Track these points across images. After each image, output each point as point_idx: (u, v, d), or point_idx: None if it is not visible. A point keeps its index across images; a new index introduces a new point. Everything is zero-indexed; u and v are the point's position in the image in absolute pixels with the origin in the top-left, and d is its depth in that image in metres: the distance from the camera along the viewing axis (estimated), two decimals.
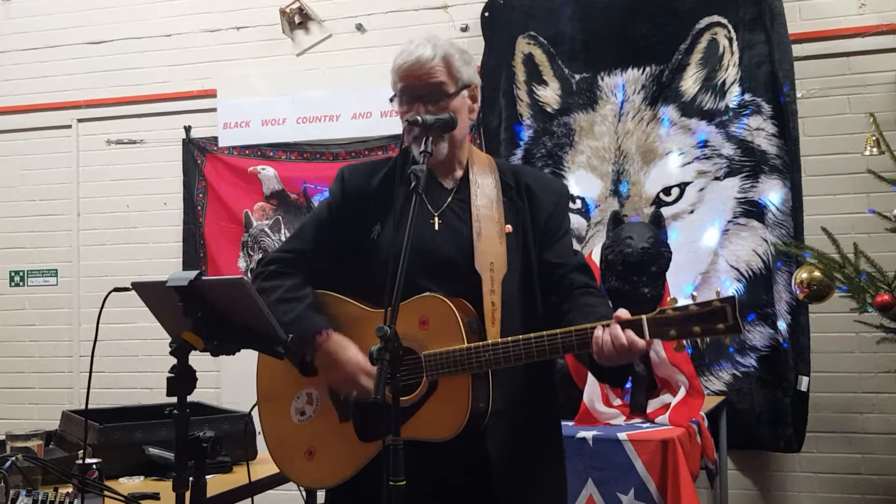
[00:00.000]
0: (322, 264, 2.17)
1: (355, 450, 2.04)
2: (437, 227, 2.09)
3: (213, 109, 5.10)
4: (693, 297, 1.82)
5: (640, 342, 1.81)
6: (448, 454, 1.94)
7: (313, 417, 2.11)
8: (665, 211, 4.20)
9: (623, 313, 1.84)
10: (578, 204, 4.43)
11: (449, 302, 1.95)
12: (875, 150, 3.76)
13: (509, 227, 2.08)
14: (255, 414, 2.23)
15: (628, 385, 3.48)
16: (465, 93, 2.12)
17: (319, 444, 2.10)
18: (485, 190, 2.11)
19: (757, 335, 4.11)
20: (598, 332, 1.83)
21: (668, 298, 1.88)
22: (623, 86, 4.39)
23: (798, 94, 4.13)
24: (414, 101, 2.07)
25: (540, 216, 2.12)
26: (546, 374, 2.10)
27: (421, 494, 1.93)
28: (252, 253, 5.01)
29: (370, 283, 2.05)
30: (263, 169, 5.00)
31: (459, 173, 2.16)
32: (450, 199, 2.13)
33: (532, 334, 1.89)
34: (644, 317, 1.82)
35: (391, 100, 2.13)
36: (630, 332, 1.81)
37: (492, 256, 2.03)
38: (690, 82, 4.28)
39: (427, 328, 1.96)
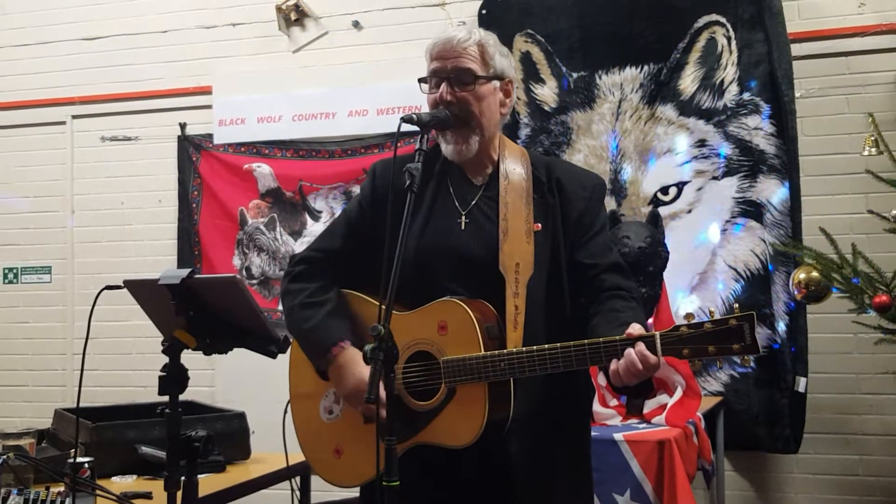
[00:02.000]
0: (351, 262, 2.14)
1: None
2: (463, 227, 2.04)
3: (209, 106, 5.07)
4: (711, 314, 1.79)
5: (652, 358, 1.76)
6: (470, 458, 1.92)
7: (340, 417, 2.09)
8: (662, 210, 4.19)
9: (636, 329, 1.79)
10: None
11: (466, 307, 1.91)
12: (874, 150, 3.74)
13: (538, 226, 2.02)
14: (256, 410, 2.21)
15: None
16: (496, 83, 2.07)
17: (346, 443, 2.08)
18: (514, 186, 2.05)
19: None
20: (613, 365, 1.79)
21: (685, 314, 1.84)
22: (621, 84, 4.37)
23: (797, 94, 4.12)
24: (441, 81, 2.03)
25: (571, 213, 2.05)
26: (571, 380, 2.03)
27: (443, 497, 1.92)
28: (247, 251, 4.98)
29: (399, 281, 2.02)
30: (259, 166, 4.97)
31: (489, 169, 2.10)
32: (478, 197, 2.08)
33: (547, 346, 1.85)
34: (657, 334, 1.77)
35: (420, 81, 2.09)
36: (641, 348, 1.76)
37: (518, 257, 1.97)
38: (688, 81, 4.26)
39: (446, 333, 1.93)
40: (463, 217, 2.05)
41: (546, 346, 1.85)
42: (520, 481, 1.97)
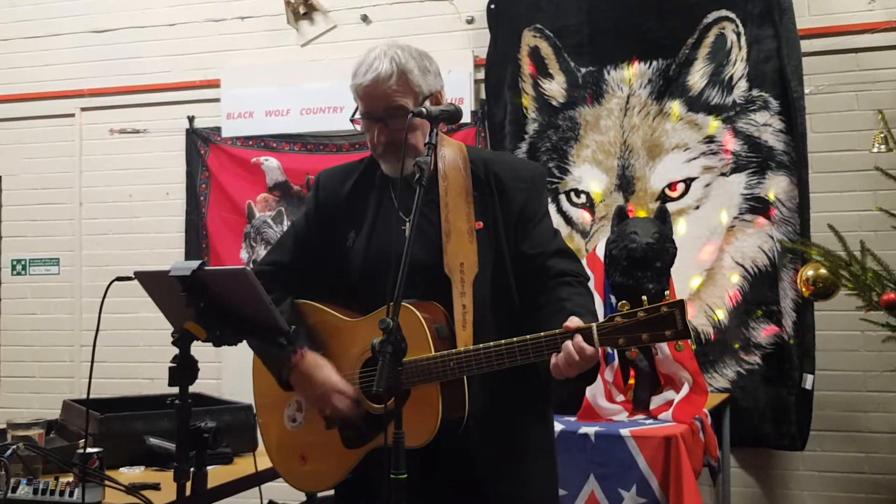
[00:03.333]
0: (302, 274, 2.17)
1: (341, 456, 2.06)
2: (407, 233, 2.04)
3: (217, 100, 5.08)
4: (643, 301, 1.79)
5: (589, 349, 1.77)
6: (430, 455, 1.92)
7: (303, 424, 2.14)
8: (670, 206, 4.18)
9: (573, 322, 1.82)
10: (583, 198, 4.42)
11: (415, 310, 1.92)
12: (883, 147, 3.74)
13: (480, 224, 2.03)
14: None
15: (631, 381, 3.48)
16: (426, 102, 2.04)
17: (309, 450, 2.12)
18: (453, 186, 2.05)
19: (762, 332, 4.09)
20: (553, 359, 1.81)
21: (619, 303, 1.84)
22: (630, 80, 4.37)
23: (806, 90, 4.10)
24: (374, 121, 2.03)
25: (511, 208, 2.06)
26: (527, 371, 2.03)
27: (407, 495, 1.93)
28: (254, 244, 4.99)
29: (347, 290, 2.07)
30: (266, 160, 4.98)
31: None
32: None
33: (493, 343, 1.86)
34: (594, 325, 1.80)
35: (351, 119, 2.08)
36: (578, 340, 1.78)
37: (461, 257, 1.99)
38: (697, 77, 4.25)
39: None
40: (407, 223, 2.04)
41: (492, 343, 1.87)
42: (481, 477, 1.99)
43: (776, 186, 4.11)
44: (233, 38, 5.11)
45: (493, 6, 4.61)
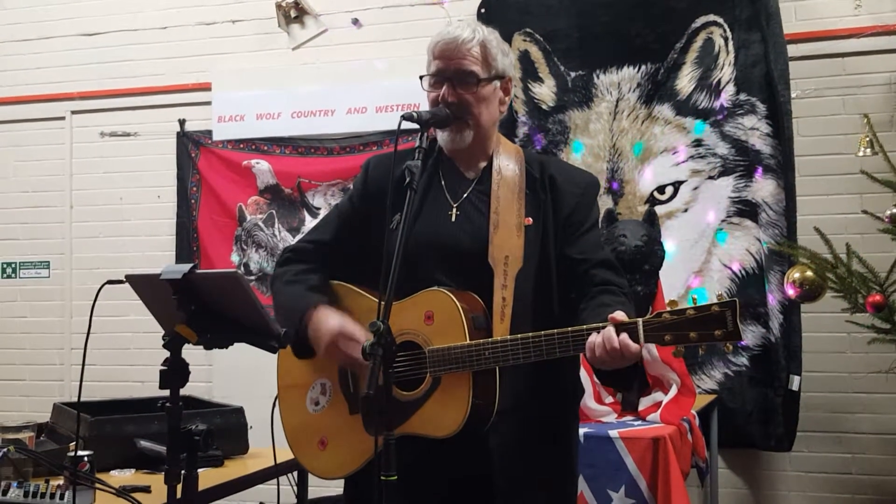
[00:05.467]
0: (341, 255, 2.17)
1: (363, 443, 2.01)
2: (453, 219, 2.06)
3: (208, 103, 5.08)
4: (694, 300, 1.79)
5: (634, 346, 1.75)
6: (452, 451, 1.92)
7: (326, 408, 2.11)
8: (659, 210, 4.21)
9: (619, 315, 1.79)
10: None
11: (453, 297, 1.93)
12: (868, 150, 3.77)
13: (529, 220, 2.04)
14: (253, 406, 2.22)
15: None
16: (497, 83, 2.09)
17: (331, 434, 2.10)
18: (507, 181, 2.07)
19: (749, 334, 4.12)
20: (592, 337, 1.79)
21: (667, 301, 1.84)
22: (619, 84, 4.39)
23: (793, 95, 4.14)
24: (444, 81, 2.05)
25: (562, 209, 2.07)
26: (557, 375, 2.04)
27: (424, 489, 1.93)
28: (245, 247, 5.00)
29: (386, 273, 2.03)
30: (258, 163, 4.99)
31: (483, 164, 2.12)
32: (470, 190, 2.10)
33: (531, 333, 1.86)
34: (639, 320, 1.77)
35: (421, 78, 2.10)
36: (624, 336, 1.75)
37: (507, 250, 1.99)
38: (686, 81, 4.28)
39: (432, 323, 1.94)
40: (454, 209, 2.08)
41: (530, 333, 1.86)
42: (500, 475, 1.97)
43: (763, 190, 4.15)
44: (224, 41, 5.12)
45: (483, 10, 4.63)
